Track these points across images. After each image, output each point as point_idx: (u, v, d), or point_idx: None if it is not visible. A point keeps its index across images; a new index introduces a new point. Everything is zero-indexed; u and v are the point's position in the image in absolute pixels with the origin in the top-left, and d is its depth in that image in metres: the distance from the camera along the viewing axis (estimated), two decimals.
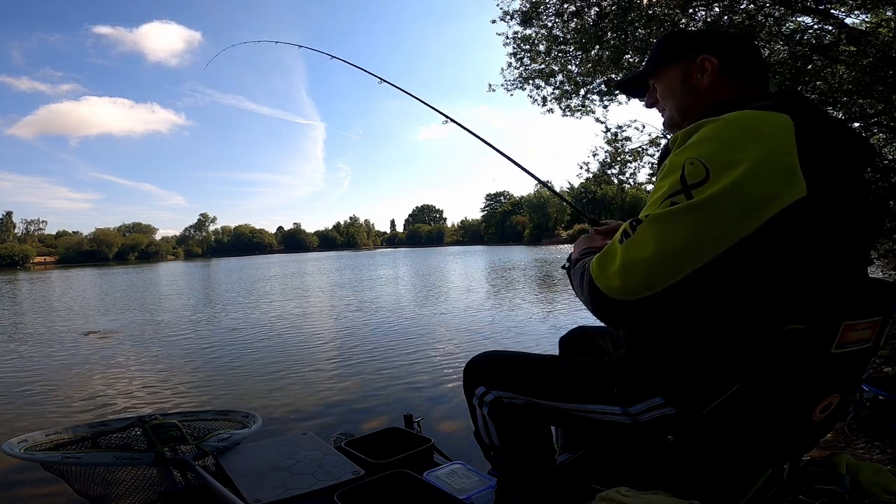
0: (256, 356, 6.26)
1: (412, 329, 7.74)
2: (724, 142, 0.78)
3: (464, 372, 1.20)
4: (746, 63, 1.02)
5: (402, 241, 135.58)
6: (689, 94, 1.03)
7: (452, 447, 2.05)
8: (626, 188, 7.33)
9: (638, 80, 1.16)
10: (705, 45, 1.03)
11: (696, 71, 1.02)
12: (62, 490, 2.68)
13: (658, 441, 0.92)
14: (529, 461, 1.17)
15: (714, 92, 1.00)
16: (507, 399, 1.10)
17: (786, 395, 0.83)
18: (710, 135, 0.80)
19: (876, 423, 2.42)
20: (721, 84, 1.00)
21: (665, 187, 0.79)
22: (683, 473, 0.93)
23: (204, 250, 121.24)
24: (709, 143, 0.79)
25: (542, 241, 73.56)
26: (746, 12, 5.22)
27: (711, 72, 1.00)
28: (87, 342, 7.70)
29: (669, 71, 1.06)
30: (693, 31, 1.14)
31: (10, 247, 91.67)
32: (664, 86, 1.08)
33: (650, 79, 1.12)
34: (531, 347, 6.14)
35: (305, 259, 57.47)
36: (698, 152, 0.78)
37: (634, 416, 0.94)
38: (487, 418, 1.15)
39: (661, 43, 1.11)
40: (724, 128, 0.79)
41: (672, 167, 0.80)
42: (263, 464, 1.62)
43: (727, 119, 0.80)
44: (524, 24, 6.36)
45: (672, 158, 0.82)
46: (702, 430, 0.88)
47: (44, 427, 1.70)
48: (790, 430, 0.89)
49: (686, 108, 1.04)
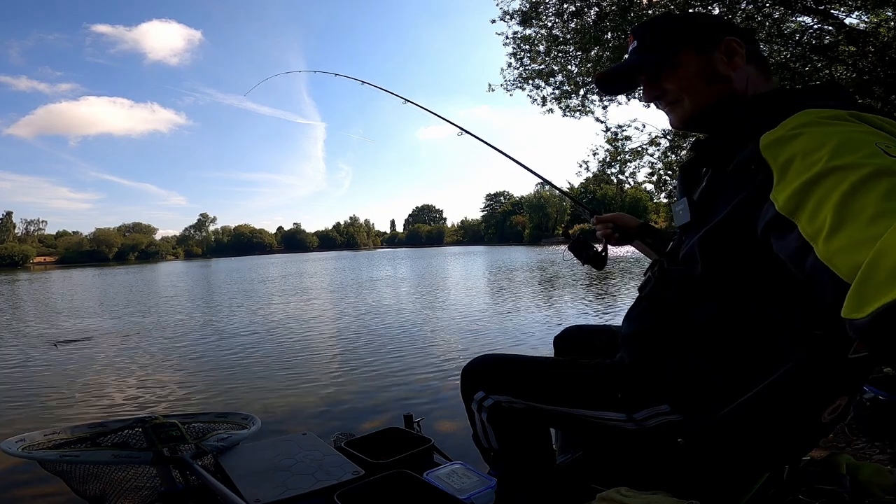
0: (257, 356, 6.26)
1: (412, 329, 7.73)
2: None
3: (461, 376, 1.18)
4: (760, 55, 0.91)
5: (401, 241, 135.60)
6: (715, 82, 0.88)
7: (452, 447, 2.05)
8: (625, 188, 7.33)
9: (636, 70, 0.98)
10: (725, 27, 0.90)
11: (721, 55, 0.88)
12: (61, 490, 2.68)
13: (666, 444, 0.92)
14: (529, 463, 1.17)
15: (747, 81, 0.87)
16: (507, 404, 1.08)
17: (801, 400, 0.82)
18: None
19: (876, 423, 2.42)
20: (751, 74, 0.87)
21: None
22: (683, 473, 0.93)
23: (204, 250, 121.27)
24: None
25: (542, 242, 73.55)
26: (746, 12, 5.22)
27: (742, 56, 0.87)
28: (88, 342, 7.70)
29: (685, 57, 0.91)
30: (701, 14, 1.04)
31: (10, 247, 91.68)
32: (679, 76, 0.91)
33: (659, 69, 0.94)
34: (530, 344, 6.14)
35: (305, 259, 57.47)
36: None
37: (639, 422, 0.93)
38: (486, 424, 1.12)
39: (662, 26, 0.96)
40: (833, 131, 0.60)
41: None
42: (263, 464, 1.62)
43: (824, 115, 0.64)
44: (524, 24, 6.36)
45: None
46: (713, 434, 0.87)
47: (38, 430, 1.70)
48: (799, 433, 0.88)
49: (711, 100, 0.89)
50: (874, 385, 2.51)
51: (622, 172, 6.93)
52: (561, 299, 10.78)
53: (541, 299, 10.95)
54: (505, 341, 6.59)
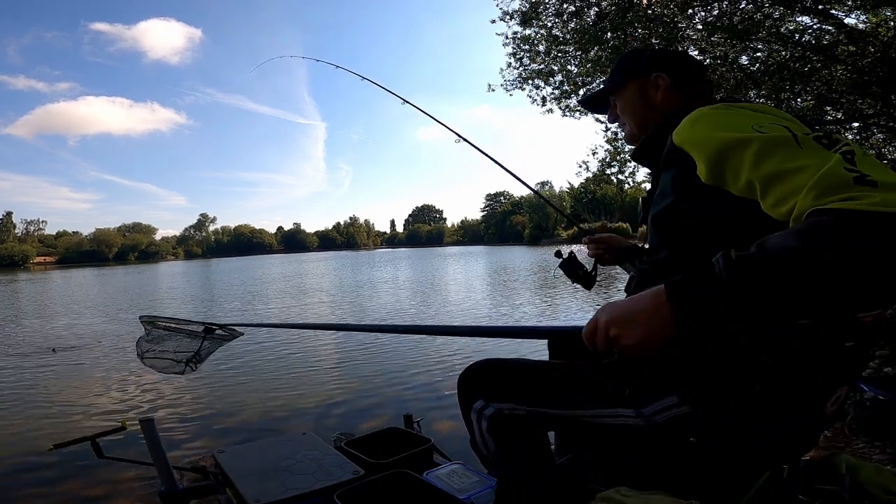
0: (256, 356, 6.26)
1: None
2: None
3: (458, 384, 1.15)
4: (693, 81, 1.10)
5: (401, 242, 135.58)
6: (645, 108, 1.12)
7: (452, 447, 2.06)
8: (625, 188, 7.34)
9: (600, 97, 1.24)
10: (658, 63, 1.12)
11: (651, 86, 1.11)
12: (59, 490, 2.69)
13: (678, 443, 0.91)
14: (530, 466, 1.16)
15: (666, 106, 1.08)
16: (509, 411, 1.06)
17: (806, 391, 0.83)
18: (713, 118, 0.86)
19: (876, 423, 2.43)
20: (672, 99, 1.08)
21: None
22: (683, 473, 0.93)
23: (204, 250, 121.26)
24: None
25: (542, 242, 73.61)
26: (746, 12, 5.23)
27: (665, 88, 1.09)
28: (88, 344, 7.70)
29: (629, 88, 1.14)
30: (649, 50, 1.21)
31: (10, 247, 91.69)
32: (624, 101, 1.15)
33: (611, 96, 1.19)
34: (526, 345, 6.14)
35: (305, 259, 57.49)
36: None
37: (648, 417, 0.92)
38: (486, 434, 1.10)
39: (620, 62, 1.19)
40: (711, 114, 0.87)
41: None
42: (263, 464, 1.62)
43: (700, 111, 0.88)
44: (524, 24, 6.37)
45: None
46: (723, 430, 0.87)
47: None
48: (806, 426, 0.89)
49: (643, 122, 1.12)
50: (874, 385, 2.51)
51: (622, 172, 6.95)
52: (556, 300, 10.79)
53: (536, 300, 10.96)
54: (503, 342, 6.58)
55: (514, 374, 1.10)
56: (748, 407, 0.84)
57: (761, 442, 0.87)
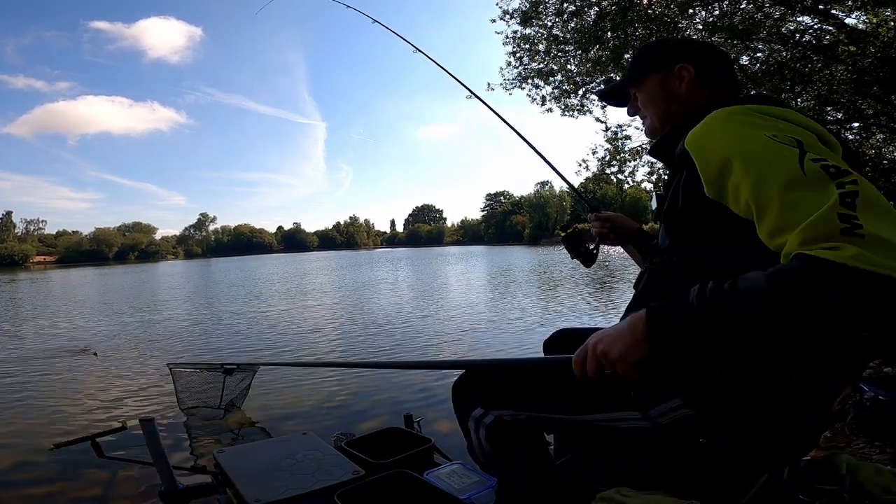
0: (256, 356, 6.26)
1: (412, 329, 7.74)
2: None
3: (453, 391, 1.14)
4: (720, 74, 1.06)
5: (401, 241, 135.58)
6: (667, 101, 1.07)
7: (452, 447, 2.05)
8: (625, 187, 7.34)
9: (620, 89, 1.20)
10: (682, 54, 1.08)
11: (674, 79, 1.06)
12: (59, 490, 2.69)
13: (682, 445, 0.91)
14: (530, 470, 1.15)
15: (689, 99, 1.05)
16: (510, 417, 1.05)
17: (811, 391, 0.83)
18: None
19: (876, 423, 2.42)
20: (695, 92, 1.05)
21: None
22: (683, 473, 0.93)
23: (204, 250, 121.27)
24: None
25: (542, 242, 73.57)
26: (746, 13, 5.22)
27: (689, 80, 1.05)
28: (88, 345, 7.70)
29: (650, 80, 1.10)
30: (672, 40, 1.19)
31: (9, 246, 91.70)
32: (645, 94, 1.11)
33: (632, 88, 1.15)
34: (523, 347, 6.14)
35: (304, 259, 57.47)
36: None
37: (654, 419, 0.92)
38: (485, 442, 1.08)
39: (642, 53, 1.15)
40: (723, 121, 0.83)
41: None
42: (263, 464, 1.62)
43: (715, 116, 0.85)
44: (524, 23, 6.36)
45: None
46: (727, 431, 0.87)
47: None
48: (809, 426, 0.89)
49: (665, 115, 1.08)
50: (874, 385, 2.51)
51: (621, 171, 6.94)
52: (554, 301, 10.78)
53: (535, 300, 10.95)
54: (506, 338, 6.58)
55: (513, 380, 1.09)
56: (752, 408, 0.84)
57: (765, 442, 0.87)
